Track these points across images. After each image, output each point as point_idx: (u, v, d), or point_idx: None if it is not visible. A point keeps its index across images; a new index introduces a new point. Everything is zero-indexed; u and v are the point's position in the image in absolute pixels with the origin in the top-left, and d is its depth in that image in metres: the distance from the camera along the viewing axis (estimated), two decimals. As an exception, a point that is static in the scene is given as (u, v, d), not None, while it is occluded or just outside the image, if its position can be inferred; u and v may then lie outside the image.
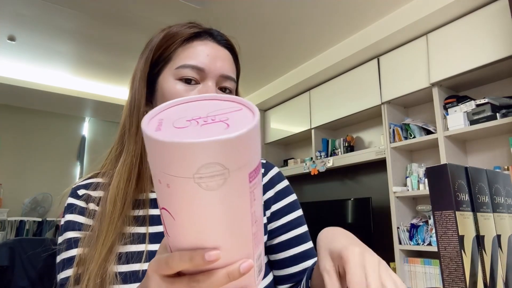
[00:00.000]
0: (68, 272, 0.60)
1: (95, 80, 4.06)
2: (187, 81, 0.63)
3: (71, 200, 0.67)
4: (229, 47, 0.70)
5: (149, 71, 0.68)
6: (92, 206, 0.65)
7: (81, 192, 0.67)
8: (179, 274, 0.34)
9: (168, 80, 0.64)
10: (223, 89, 0.67)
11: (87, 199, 0.66)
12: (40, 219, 4.32)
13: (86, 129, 5.19)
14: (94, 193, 0.66)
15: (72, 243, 0.62)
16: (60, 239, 0.64)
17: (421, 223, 2.60)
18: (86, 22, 2.90)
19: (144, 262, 0.61)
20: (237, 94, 0.71)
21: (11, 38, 3.19)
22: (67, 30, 3.04)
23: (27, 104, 4.51)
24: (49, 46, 3.33)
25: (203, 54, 0.64)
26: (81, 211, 0.65)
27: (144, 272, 0.60)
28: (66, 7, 2.70)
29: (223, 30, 0.71)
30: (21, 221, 4.20)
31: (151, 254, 0.62)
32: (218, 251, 0.30)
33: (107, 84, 4.17)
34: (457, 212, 0.47)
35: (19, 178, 4.50)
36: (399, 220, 2.68)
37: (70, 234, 0.63)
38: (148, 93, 0.68)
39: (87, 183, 0.68)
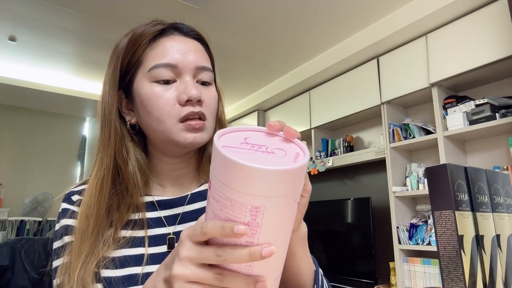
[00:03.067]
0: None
1: (95, 80, 4.05)
2: (163, 81, 0.60)
3: (65, 206, 0.65)
4: (198, 37, 0.67)
5: (121, 80, 0.64)
6: None
7: (75, 197, 0.65)
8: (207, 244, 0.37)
9: (143, 85, 0.61)
10: (203, 83, 0.64)
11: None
12: (40, 219, 4.32)
13: (87, 129, 5.19)
14: None
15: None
16: (56, 244, 0.62)
17: (420, 223, 2.61)
18: (86, 22, 2.90)
19: (145, 265, 0.59)
20: (215, 84, 0.68)
21: (12, 39, 3.19)
22: (67, 30, 3.04)
23: (27, 104, 4.51)
24: (50, 46, 3.33)
25: (172, 50, 0.61)
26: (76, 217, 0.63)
27: (144, 275, 0.58)
28: (67, 7, 2.70)
29: (223, 30, 0.70)
30: (21, 221, 4.20)
31: (151, 257, 0.60)
32: (247, 226, 0.33)
33: (107, 84, 4.17)
34: (456, 212, 0.47)
35: (20, 178, 4.50)
36: (399, 219, 2.68)
37: (68, 239, 0.61)
38: (127, 101, 0.66)
39: (80, 189, 0.66)
